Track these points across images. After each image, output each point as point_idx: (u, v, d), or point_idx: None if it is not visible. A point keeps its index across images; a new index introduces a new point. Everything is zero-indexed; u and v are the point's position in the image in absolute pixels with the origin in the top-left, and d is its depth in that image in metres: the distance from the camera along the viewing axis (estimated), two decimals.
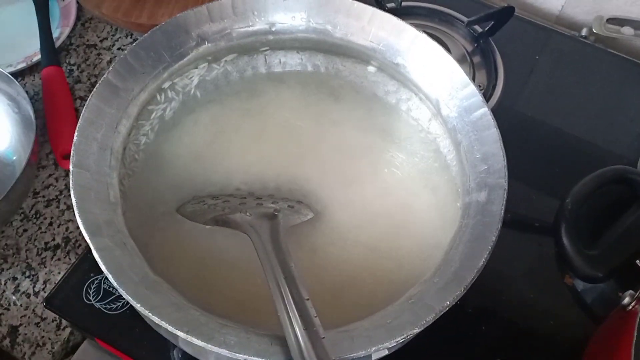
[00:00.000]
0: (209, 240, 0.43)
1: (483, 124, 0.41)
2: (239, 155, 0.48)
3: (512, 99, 0.65)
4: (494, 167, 0.40)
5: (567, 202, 0.41)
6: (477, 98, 0.42)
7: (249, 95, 0.50)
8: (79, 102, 0.65)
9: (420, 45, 0.44)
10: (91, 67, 0.68)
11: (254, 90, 0.51)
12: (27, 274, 0.56)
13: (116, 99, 0.41)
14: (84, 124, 0.39)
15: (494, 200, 0.38)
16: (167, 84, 0.45)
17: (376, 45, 0.45)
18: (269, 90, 0.51)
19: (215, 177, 0.46)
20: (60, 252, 0.57)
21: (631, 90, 0.68)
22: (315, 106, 0.50)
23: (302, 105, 0.50)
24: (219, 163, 0.47)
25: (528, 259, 0.56)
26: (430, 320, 0.34)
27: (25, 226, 0.58)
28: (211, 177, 0.46)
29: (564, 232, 0.39)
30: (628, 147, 0.63)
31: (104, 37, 0.70)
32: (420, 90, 0.46)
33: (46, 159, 0.62)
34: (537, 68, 0.69)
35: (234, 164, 0.47)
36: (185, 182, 0.45)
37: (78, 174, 0.37)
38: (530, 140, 0.64)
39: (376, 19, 0.45)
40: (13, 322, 0.54)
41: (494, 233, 0.37)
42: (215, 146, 0.48)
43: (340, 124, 0.49)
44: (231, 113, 0.49)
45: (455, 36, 0.67)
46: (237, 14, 0.45)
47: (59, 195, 0.60)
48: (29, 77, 0.67)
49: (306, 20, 0.46)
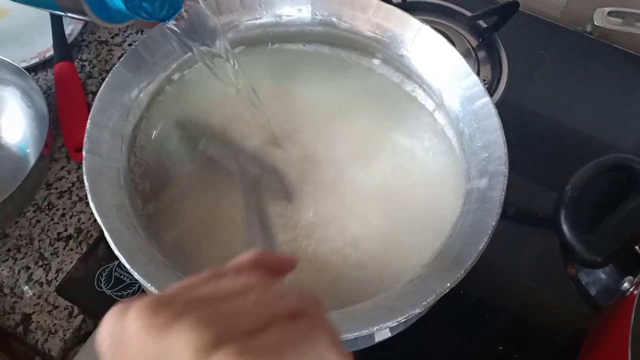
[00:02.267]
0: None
1: (484, 113, 0.42)
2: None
3: (516, 94, 0.66)
4: (494, 155, 0.41)
5: (566, 189, 0.42)
6: (479, 88, 0.43)
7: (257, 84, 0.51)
8: (91, 97, 0.67)
9: (424, 37, 0.45)
10: (102, 63, 0.69)
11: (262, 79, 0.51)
12: (40, 264, 0.57)
13: (127, 88, 0.42)
14: (96, 113, 0.40)
15: (494, 186, 0.39)
16: (177, 75, 0.46)
17: (381, 37, 0.46)
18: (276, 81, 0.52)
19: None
20: (72, 242, 0.58)
21: (635, 85, 0.68)
22: (323, 95, 0.51)
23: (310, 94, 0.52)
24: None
25: (531, 251, 0.57)
26: (431, 301, 0.35)
27: (38, 217, 0.60)
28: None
29: (563, 218, 0.40)
30: (631, 141, 0.64)
31: (115, 33, 0.72)
32: (424, 81, 0.47)
33: (59, 152, 0.63)
34: (541, 63, 0.69)
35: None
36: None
37: (91, 159, 0.38)
38: (534, 134, 0.64)
39: (381, 11, 0.46)
40: (26, 310, 0.55)
41: (494, 218, 0.38)
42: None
43: (347, 110, 0.50)
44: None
45: (460, 31, 0.68)
46: (245, 7, 0.46)
47: (71, 187, 0.61)
48: (42, 72, 0.69)
49: (312, 13, 0.47)
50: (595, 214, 0.42)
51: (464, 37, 0.68)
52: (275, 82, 0.51)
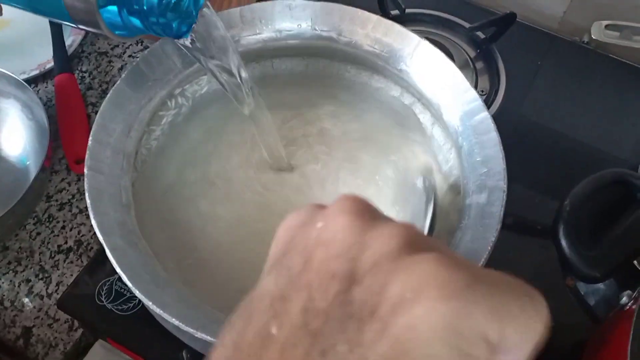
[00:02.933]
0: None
1: (483, 128, 0.43)
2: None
3: (514, 104, 0.66)
4: (493, 170, 0.41)
5: (565, 204, 0.42)
6: (477, 103, 0.43)
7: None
8: (91, 108, 0.67)
9: (423, 52, 0.46)
10: (102, 74, 0.70)
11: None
12: (40, 276, 0.57)
13: (128, 104, 0.42)
14: (98, 129, 0.40)
15: (493, 201, 0.39)
16: (178, 90, 0.47)
17: (380, 52, 0.47)
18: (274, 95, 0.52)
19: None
20: (72, 254, 0.58)
21: (633, 95, 0.68)
22: (320, 107, 0.51)
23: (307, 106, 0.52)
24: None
25: (530, 262, 0.57)
26: None
27: (38, 229, 0.60)
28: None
29: (562, 233, 0.40)
30: (630, 151, 0.64)
31: (115, 44, 0.72)
32: (422, 95, 0.47)
33: (59, 164, 0.64)
34: (539, 73, 0.70)
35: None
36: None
37: (92, 176, 0.38)
38: (533, 144, 0.65)
39: (380, 27, 0.46)
40: (27, 323, 0.55)
41: (493, 234, 0.38)
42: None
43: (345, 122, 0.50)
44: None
45: (458, 42, 0.68)
46: (245, 23, 0.47)
47: (71, 199, 0.62)
48: (42, 84, 0.69)
49: (312, 28, 0.47)
50: (593, 229, 0.42)
51: (462, 48, 0.68)
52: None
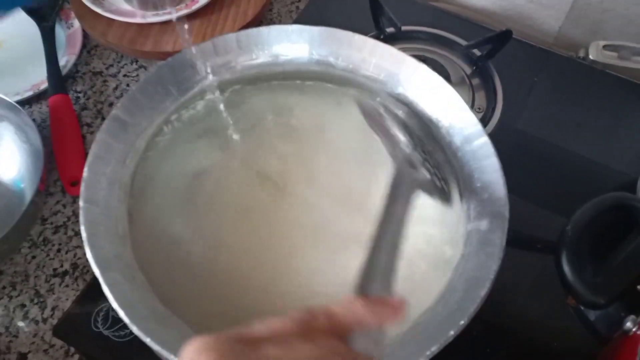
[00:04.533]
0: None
1: (483, 153, 0.42)
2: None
3: (511, 120, 0.66)
4: (494, 196, 0.41)
5: (567, 230, 0.42)
6: (477, 127, 0.43)
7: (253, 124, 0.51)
8: (86, 129, 0.66)
9: (421, 76, 0.45)
10: (97, 94, 0.69)
11: (258, 116, 0.52)
12: (35, 301, 0.56)
13: (124, 133, 0.42)
14: (94, 160, 0.40)
15: (495, 229, 0.39)
16: (174, 116, 0.46)
17: (377, 76, 0.46)
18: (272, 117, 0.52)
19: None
20: (68, 278, 0.58)
21: (629, 110, 0.68)
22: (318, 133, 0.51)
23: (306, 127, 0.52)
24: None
25: (530, 280, 0.56)
26: (434, 351, 0.35)
27: (33, 253, 0.59)
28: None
29: (564, 260, 0.40)
30: (628, 166, 0.64)
31: (109, 64, 0.71)
32: (420, 119, 0.47)
33: (54, 186, 0.63)
34: (535, 89, 0.70)
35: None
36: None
37: (88, 209, 0.38)
38: (530, 160, 0.64)
39: (377, 51, 0.46)
40: (22, 349, 0.54)
41: (496, 262, 0.37)
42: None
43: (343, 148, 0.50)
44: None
45: (454, 59, 0.68)
46: (242, 47, 0.46)
47: (66, 222, 0.61)
48: (36, 105, 0.68)
49: (309, 52, 0.47)
50: (595, 253, 0.42)
51: (459, 65, 0.68)
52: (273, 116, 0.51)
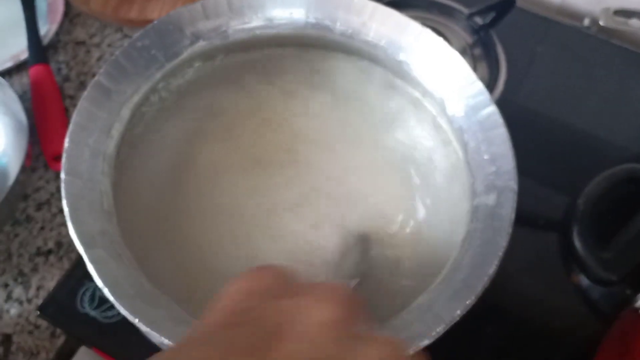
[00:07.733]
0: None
1: (491, 124, 0.40)
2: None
3: (514, 92, 0.64)
4: (503, 169, 0.38)
5: (578, 203, 0.40)
6: (484, 96, 0.41)
7: (247, 94, 0.49)
8: (69, 101, 0.63)
9: (425, 42, 0.43)
10: (80, 65, 0.66)
11: (251, 88, 0.49)
12: (19, 281, 0.54)
13: (108, 102, 0.39)
14: (75, 129, 0.37)
15: (503, 203, 0.37)
16: (162, 85, 0.43)
17: (378, 42, 0.44)
18: (265, 88, 0.49)
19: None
20: (53, 257, 0.55)
21: (635, 81, 0.66)
22: (315, 101, 0.48)
23: (302, 102, 0.49)
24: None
25: (533, 258, 0.55)
26: (440, 332, 0.33)
27: (16, 231, 0.57)
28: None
29: (576, 234, 0.38)
30: (633, 140, 0.62)
31: (92, 33, 0.68)
32: (424, 88, 0.44)
33: (36, 161, 0.60)
34: (538, 59, 0.67)
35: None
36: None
37: (70, 182, 0.35)
38: (533, 133, 0.62)
39: (377, 15, 0.43)
40: (6, 331, 0.52)
41: (504, 238, 0.35)
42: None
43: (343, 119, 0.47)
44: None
45: (455, 28, 0.66)
46: (233, 11, 0.43)
47: (50, 199, 0.58)
48: (16, 76, 0.65)
49: (305, 16, 0.44)
50: (606, 228, 0.40)
51: (460, 35, 0.65)
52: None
